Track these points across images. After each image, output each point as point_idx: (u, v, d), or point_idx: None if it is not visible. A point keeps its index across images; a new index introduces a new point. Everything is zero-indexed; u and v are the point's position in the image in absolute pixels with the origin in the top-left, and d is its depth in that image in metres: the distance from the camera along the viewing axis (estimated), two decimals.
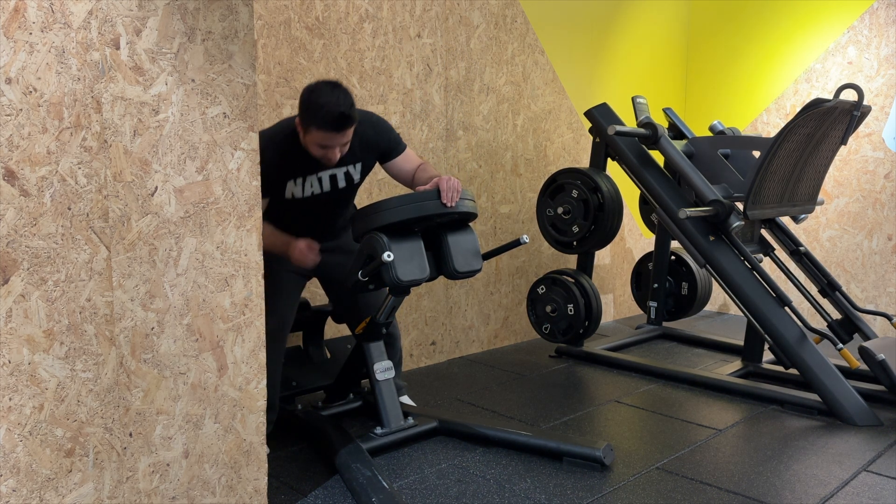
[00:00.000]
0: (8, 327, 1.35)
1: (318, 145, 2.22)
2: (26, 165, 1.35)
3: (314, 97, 2.17)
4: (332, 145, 2.22)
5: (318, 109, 2.15)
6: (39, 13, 1.35)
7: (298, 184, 2.35)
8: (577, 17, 4.24)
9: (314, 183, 2.37)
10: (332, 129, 2.17)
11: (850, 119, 3.02)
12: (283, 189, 2.33)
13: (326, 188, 2.40)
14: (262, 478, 1.79)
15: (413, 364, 3.48)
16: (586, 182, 3.49)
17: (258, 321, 1.74)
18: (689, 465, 2.36)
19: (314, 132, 2.19)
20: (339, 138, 2.21)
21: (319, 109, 2.15)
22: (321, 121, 2.15)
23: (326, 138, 2.20)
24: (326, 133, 2.18)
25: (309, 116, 2.18)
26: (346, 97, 2.17)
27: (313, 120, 2.17)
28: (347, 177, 2.42)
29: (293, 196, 2.36)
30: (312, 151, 2.26)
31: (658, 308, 4.14)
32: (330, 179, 2.40)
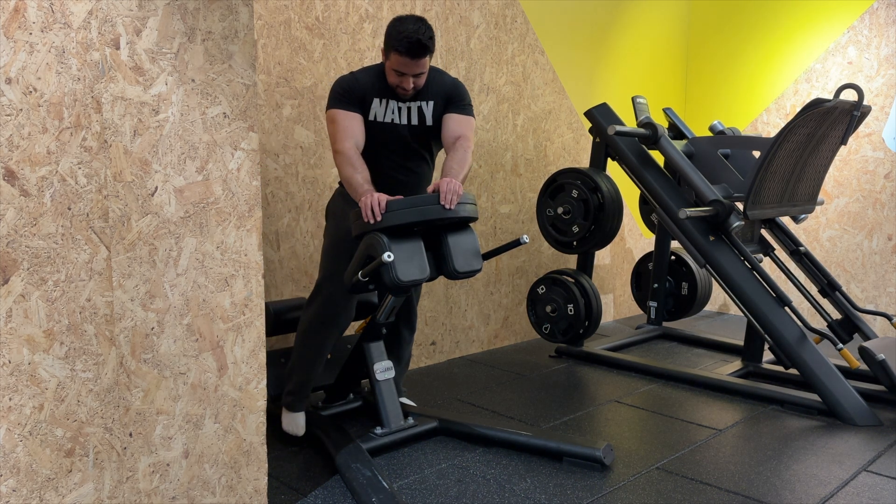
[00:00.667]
0: (8, 327, 1.35)
1: (394, 71, 2.34)
2: (26, 165, 1.35)
3: (398, 24, 2.31)
4: (407, 73, 2.34)
5: (399, 34, 2.28)
6: (39, 13, 1.35)
7: (383, 105, 2.44)
8: (577, 17, 4.24)
9: (395, 111, 2.46)
10: (408, 55, 2.28)
11: (850, 119, 3.02)
12: (369, 107, 2.43)
13: (404, 120, 2.48)
14: (262, 478, 1.79)
15: (413, 364, 3.48)
16: (586, 182, 3.49)
17: (258, 321, 1.74)
18: (689, 465, 2.36)
19: (392, 57, 2.32)
20: (414, 66, 2.32)
21: (400, 34, 2.28)
22: (399, 45, 2.28)
23: (402, 64, 2.31)
24: (402, 58, 2.30)
25: (390, 41, 2.31)
26: (428, 29, 2.30)
27: (393, 44, 2.30)
28: (420, 112, 2.48)
29: (375, 118, 2.44)
30: (389, 79, 2.38)
31: (658, 308, 4.14)
32: (407, 111, 2.48)
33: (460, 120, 2.49)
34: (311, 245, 3.04)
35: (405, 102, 2.47)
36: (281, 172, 2.91)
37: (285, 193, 2.93)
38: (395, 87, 2.40)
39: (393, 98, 2.45)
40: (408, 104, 2.47)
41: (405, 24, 2.31)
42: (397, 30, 2.31)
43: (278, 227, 2.93)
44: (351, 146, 2.33)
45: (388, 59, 2.36)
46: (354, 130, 2.37)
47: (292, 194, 2.95)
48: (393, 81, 2.39)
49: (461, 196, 2.20)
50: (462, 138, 2.46)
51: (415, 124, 2.49)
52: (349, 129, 2.36)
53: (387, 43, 2.35)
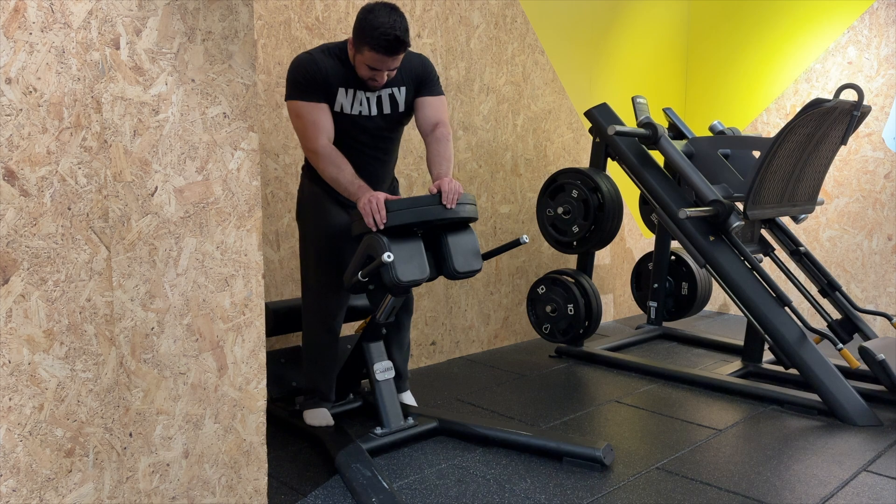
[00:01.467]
0: (8, 327, 1.35)
1: (367, 66, 2.21)
2: (26, 165, 1.35)
3: (371, 17, 2.14)
4: (382, 69, 2.21)
5: (374, 31, 2.13)
6: (39, 13, 1.35)
7: (349, 96, 2.30)
8: (577, 17, 4.24)
9: (363, 101, 2.33)
10: (384, 52, 2.15)
11: (850, 119, 3.02)
12: (334, 97, 2.28)
13: (374, 111, 2.36)
14: (262, 478, 1.79)
15: (413, 364, 3.48)
16: (586, 182, 3.49)
17: (258, 321, 1.74)
18: (689, 465, 2.36)
19: (366, 53, 2.18)
20: (390, 62, 2.20)
21: (374, 31, 2.13)
22: (375, 42, 2.13)
23: (377, 60, 2.18)
24: (378, 55, 2.17)
25: (363, 36, 2.16)
26: (402, 21, 2.16)
27: (367, 40, 2.15)
28: (392, 100, 2.38)
29: (342, 109, 2.31)
30: (360, 72, 2.25)
31: (658, 308, 4.14)
32: (377, 101, 2.35)
33: (434, 103, 2.42)
34: None
35: (375, 92, 2.34)
36: (281, 172, 2.91)
37: (285, 193, 2.93)
38: (366, 79, 2.27)
39: (360, 88, 2.31)
40: (377, 93, 2.34)
41: (378, 16, 2.14)
42: (371, 24, 2.14)
43: (278, 227, 2.93)
44: (326, 142, 2.21)
45: (359, 53, 2.21)
46: (325, 124, 2.23)
47: (292, 194, 2.95)
48: (364, 75, 2.25)
49: (461, 196, 2.20)
50: (440, 125, 2.41)
51: (387, 113, 2.38)
52: (318, 122, 2.22)
53: (358, 36, 2.18)
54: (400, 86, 2.38)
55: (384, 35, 2.12)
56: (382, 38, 2.13)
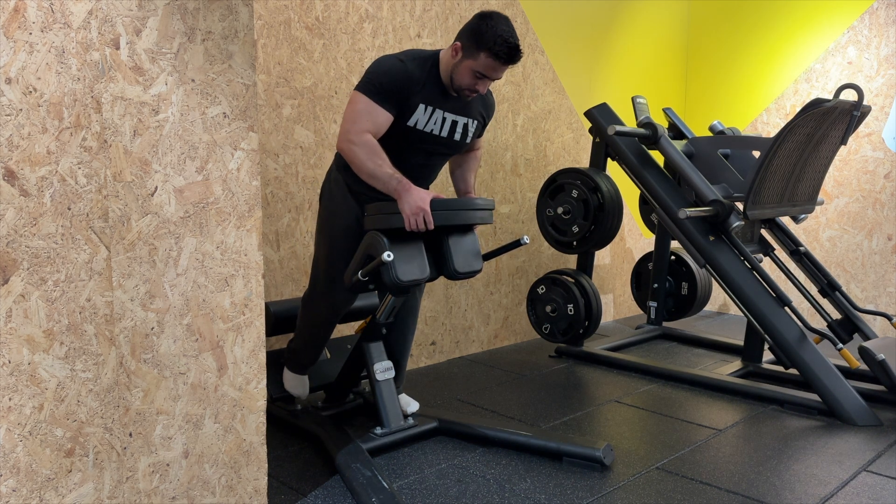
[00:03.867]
0: (8, 327, 1.35)
1: (476, 73, 2.16)
2: (26, 165, 1.35)
3: (491, 24, 2.12)
4: (491, 77, 2.19)
5: (496, 37, 2.10)
6: (39, 13, 1.35)
7: (427, 113, 2.23)
8: (577, 17, 4.24)
9: (439, 121, 2.27)
10: (503, 60, 2.13)
11: (850, 119, 3.02)
12: (411, 112, 2.21)
13: (445, 133, 2.30)
14: (262, 478, 1.79)
15: (413, 364, 3.48)
16: (586, 182, 3.49)
17: (258, 321, 1.74)
18: (689, 465, 2.36)
19: (482, 58, 2.13)
20: (501, 71, 2.18)
21: (497, 37, 2.10)
22: (496, 48, 2.10)
23: (491, 68, 2.15)
24: (495, 62, 2.13)
25: (480, 41, 2.12)
26: (516, 33, 2.16)
27: (486, 45, 2.11)
28: (464, 130, 2.35)
29: (415, 125, 2.24)
30: (462, 80, 2.19)
31: (658, 308, 4.14)
32: (451, 125, 2.30)
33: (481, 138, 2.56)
34: (311, 245, 3.04)
35: (453, 115, 2.29)
36: (281, 172, 2.91)
37: (285, 193, 2.93)
38: (464, 88, 2.21)
39: (440, 107, 2.25)
40: (455, 117, 2.30)
41: (498, 23, 2.12)
42: (492, 29, 2.11)
43: (278, 227, 2.93)
44: (371, 138, 2.13)
45: (470, 59, 2.15)
46: (379, 126, 2.16)
47: (292, 194, 2.95)
48: (467, 83, 2.19)
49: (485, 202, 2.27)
50: (479, 150, 2.57)
51: (456, 140, 2.35)
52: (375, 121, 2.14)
53: (474, 40, 2.14)
54: (474, 119, 2.37)
55: (507, 42, 2.11)
56: (504, 45, 2.11)
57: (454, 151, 2.40)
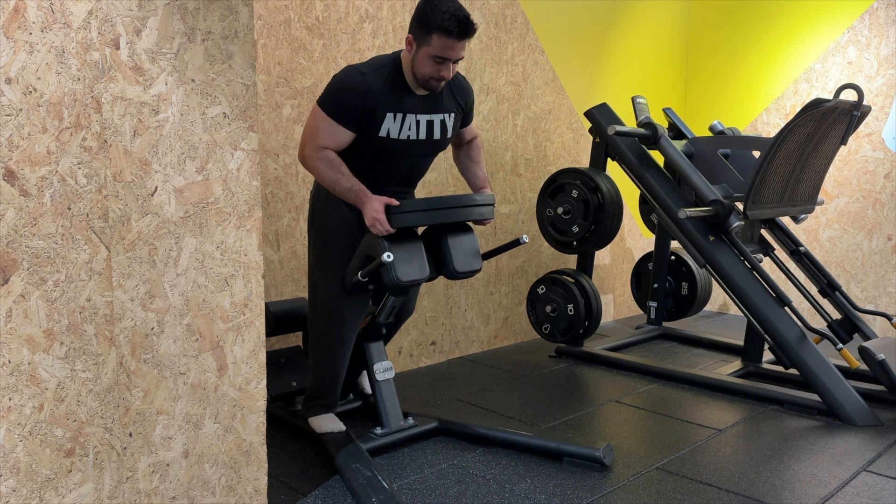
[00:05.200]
0: (8, 327, 1.35)
1: (434, 58, 2.11)
2: (26, 165, 1.35)
3: (435, 3, 2.08)
4: (450, 57, 2.12)
5: (443, 13, 2.06)
6: (39, 13, 1.35)
7: (397, 120, 2.20)
8: (577, 17, 4.24)
9: (412, 125, 2.23)
10: (456, 36, 2.07)
11: (850, 119, 3.02)
12: (380, 123, 2.18)
13: (422, 135, 2.27)
14: (262, 478, 1.79)
15: (413, 364, 3.48)
16: (586, 182, 3.49)
17: (258, 321, 1.74)
18: (689, 465, 2.36)
19: (434, 40, 2.08)
20: (459, 48, 2.12)
21: (444, 13, 2.06)
22: (445, 24, 2.05)
23: (446, 47, 2.09)
24: (448, 39, 2.08)
25: (428, 23, 2.08)
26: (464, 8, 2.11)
27: (435, 24, 2.07)
28: (443, 126, 2.31)
29: (388, 135, 2.21)
30: (423, 69, 2.14)
31: (658, 308, 4.14)
32: (427, 126, 2.27)
33: (471, 128, 2.51)
34: None
35: (426, 115, 2.25)
36: (281, 172, 2.91)
37: (285, 193, 2.93)
38: (428, 78, 2.16)
39: (411, 111, 2.22)
40: (428, 117, 2.26)
41: (442, 2, 2.08)
42: (437, 7, 2.07)
43: (278, 227, 2.93)
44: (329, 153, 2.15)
45: (425, 45, 2.11)
46: (339, 142, 2.16)
47: (292, 194, 2.95)
48: (429, 72, 2.14)
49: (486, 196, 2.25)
50: (477, 138, 2.52)
51: (437, 139, 2.31)
52: (336, 140, 2.15)
53: (423, 24, 2.10)
54: (451, 112, 2.33)
55: (454, 15, 2.06)
56: (453, 19, 2.06)
57: (440, 149, 2.39)
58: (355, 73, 2.16)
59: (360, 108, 2.14)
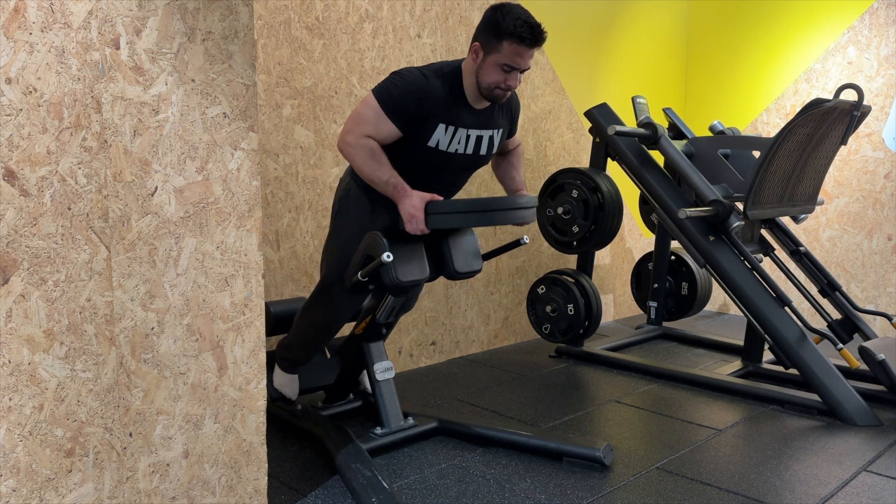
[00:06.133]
0: (8, 327, 1.35)
1: (502, 66, 2.07)
2: (26, 165, 1.35)
3: (504, 10, 2.04)
4: (520, 65, 2.08)
5: (515, 20, 2.01)
6: (39, 13, 1.35)
7: (448, 133, 2.13)
8: (577, 17, 4.24)
9: (462, 140, 2.17)
10: (528, 43, 2.03)
11: (850, 119, 3.02)
12: (430, 133, 2.11)
13: (469, 150, 2.21)
14: (262, 478, 1.79)
15: (413, 364, 3.48)
16: (586, 182, 3.49)
17: (258, 321, 1.74)
18: (689, 465, 2.36)
19: (505, 47, 2.04)
20: (527, 57, 2.08)
21: (516, 20, 2.01)
22: (517, 31, 2.01)
23: (516, 54, 2.05)
24: (520, 47, 2.04)
25: (499, 30, 2.03)
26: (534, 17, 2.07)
27: (507, 31, 2.02)
28: (490, 143, 2.26)
29: (437, 145, 2.14)
30: (489, 77, 2.09)
31: (658, 308, 4.14)
32: (476, 141, 2.21)
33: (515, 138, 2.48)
34: (311, 245, 3.04)
35: (477, 130, 2.19)
36: (281, 172, 2.91)
37: (285, 193, 2.93)
38: (494, 87, 2.11)
39: (463, 126, 2.16)
40: (479, 132, 2.20)
41: (513, 9, 2.03)
42: (509, 14, 2.02)
43: (278, 227, 2.93)
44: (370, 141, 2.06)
45: (494, 53, 2.06)
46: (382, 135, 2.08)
47: (292, 194, 2.95)
48: (495, 80, 2.09)
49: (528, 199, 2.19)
50: (519, 146, 2.50)
51: (482, 154, 2.26)
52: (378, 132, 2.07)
53: (492, 31, 2.05)
54: (499, 128, 2.28)
55: (527, 22, 2.02)
56: (526, 26, 2.01)
57: (483, 164, 2.33)
58: (418, 75, 2.10)
59: (415, 112, 2.08)
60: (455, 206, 2.06)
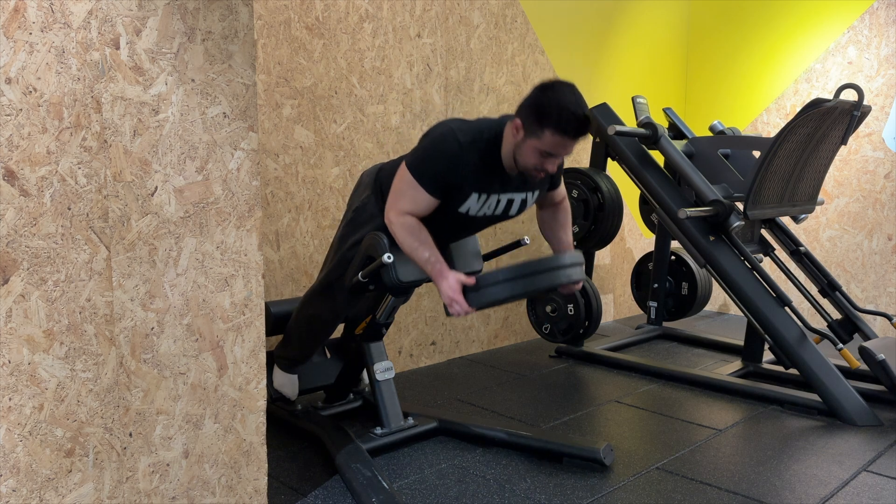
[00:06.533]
0: (8, 327, 1.35)
1: (542, 152, 1.94)
2: (26, 165, 1.35)
3: (553, 95, 1.89)
4: (560, 154, 1.96)
5: (561, 110, 1.87)
6: (39, 13, 1.35)
7: (481, 200, 2.07)
8: (577, 17, 4.24)
9: (493, 204, 2.10)
10: (571, 136, 1.90)
11: (851, 119, 3.02)
12: (463, 200, 2.05)
13: (499, 211, 2.14)
14: (262, 478, 1.79)
15: (413, 364, 3.48)
16: (586, 182, 3.49)
17: (258, 321, 1.74)
18: (689, 465, 2.36)
19: (547, 136, 1.90)
20: (571, 147, 1.94)
21: (562, 110, 1.87)
22: (562, 123, 1.87)
23: (559, 145, 1.92)
24: (563, 139, 1.90)
25: (543, 117, 1.89)
26: (584, 101, 1.92)
27: (551, 121, 1.88)
28: (523, 203, 2.18)
29: (467, 212, 2.09)
30: (527, 160, 1.97)
31: (658, 308, 4.14)
32: (507, 203, 2.13)
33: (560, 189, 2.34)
34: (311, 245, 3.04)
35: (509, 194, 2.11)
36: (281, 172, 2.91)
37: (285, 193, 2.93)
38: (531, 169, 1.99)
39: (496, 192, 2.08)
40: (511, 196, 2.11)
41: (562, 93, 1.88)
42: (556, 102, 1.87)
43: (278, 227, 2.93)
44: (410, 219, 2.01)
45: (534, 138, 1.92)
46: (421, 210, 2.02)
47: (292, 194, 2.95)
48: (533, 163, 1.97)
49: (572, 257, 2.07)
50: (565, 200, 2.35)
51: (511, 214, 2.18)
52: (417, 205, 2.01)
53: (536, 117, 1.90)
54: (534, 190, 2.17)
55: (574, 114, 1.86)
56: (572, 118, 1.86)
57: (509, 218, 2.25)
58: (453, 143, 1.98)
59: (449, 181, 2.01)
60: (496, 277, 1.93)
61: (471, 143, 1.99)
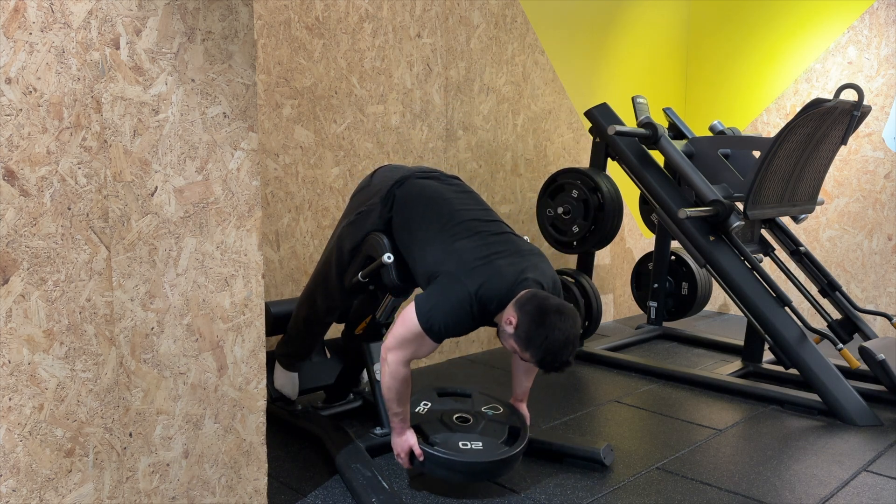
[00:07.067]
0: (8, 327, 1.35)
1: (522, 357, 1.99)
2: (26, 165, 1.35)
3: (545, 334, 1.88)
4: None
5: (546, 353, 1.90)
6: (39, 13, 1.35)
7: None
8: (577, 17, 4.24)
9: None
10: (547, 371, 1.97)
11: (851, 119, 3.02)
12: None
13: None
14: (262, 478, 1.79)
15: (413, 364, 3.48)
16: (586, 182, 3.49)
17: (258, 321, 1.74)
18: (689, 465, 2.36)
19: (528, 357, 1.95)
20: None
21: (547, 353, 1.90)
22: (543, 364, 1.93)
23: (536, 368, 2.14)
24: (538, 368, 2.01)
25: (531, 347, 1.91)
26: (576, 339, 1.93)
27: (534, 355, 1.92)
28: None
29: None
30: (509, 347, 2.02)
31: (658, 308, 4.14)
32: None
33: None
34: (311, 245, 3.04)
35: None
36: (281, 172, 2.91)
37: (285, 193, 2.93)
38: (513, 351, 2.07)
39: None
40: None
41: (553, 336, 1.87)
42: (544, 343, 1.88)
43: (278, 227, 2.93)
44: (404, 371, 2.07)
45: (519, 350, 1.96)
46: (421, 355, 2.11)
47: (292, 194, 2.95)
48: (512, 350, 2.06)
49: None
50: None
51: None
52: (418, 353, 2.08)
53: (525, 343, 1.92)
54: None
55: (556, 361, 1.91)
56: (553, 363, 1.91)
57: None
58: (467, 312, 1.99)
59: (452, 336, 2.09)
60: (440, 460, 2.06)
61: (480, 314, 2.01)
